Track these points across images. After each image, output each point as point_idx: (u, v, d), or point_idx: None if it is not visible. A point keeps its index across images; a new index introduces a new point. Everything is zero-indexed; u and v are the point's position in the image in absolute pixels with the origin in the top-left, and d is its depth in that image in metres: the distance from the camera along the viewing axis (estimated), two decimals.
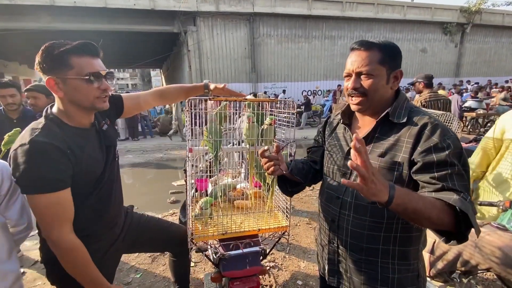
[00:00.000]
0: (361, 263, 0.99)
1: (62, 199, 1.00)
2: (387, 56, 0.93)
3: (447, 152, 0.82)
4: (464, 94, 9.62)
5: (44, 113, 1.07)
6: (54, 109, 1.08)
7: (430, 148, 0.84)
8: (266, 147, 1.05)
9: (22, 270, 2.44)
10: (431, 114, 0.93)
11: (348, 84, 0.97)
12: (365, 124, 1.03)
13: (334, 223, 1.06)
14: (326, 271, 1.12)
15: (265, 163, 1.04)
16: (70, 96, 1.02)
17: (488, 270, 1.44)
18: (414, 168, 0.86)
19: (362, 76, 0.94)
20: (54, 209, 0.98)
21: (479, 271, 1.53)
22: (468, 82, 13.88)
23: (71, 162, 1.01)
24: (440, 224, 0.77)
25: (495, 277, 1.98)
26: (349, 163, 0.64)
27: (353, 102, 0.98)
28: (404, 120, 0.92)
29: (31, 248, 2.70)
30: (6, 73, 17.06)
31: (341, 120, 1.12)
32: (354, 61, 0.95)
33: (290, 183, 1.22)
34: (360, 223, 0.97)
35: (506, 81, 14.56)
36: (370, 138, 0.98)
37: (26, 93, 2.44)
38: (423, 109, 0.98)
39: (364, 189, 0.66)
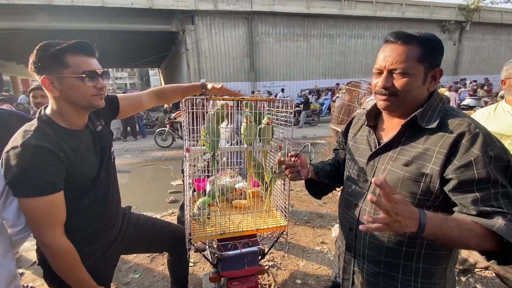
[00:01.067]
0: (379, 276, 0.92)
1: (54, 203, 0.98)
2: (428, 52, 0.80)
3: (490, 166, 0.70)
4: (462, 92, 9.60)
5: (37, 115, 1.05)
6: (48, 111, 1.06)
7: (469, 163, 0.72)
8: (282, 158, 1.10)
9: (20, 271, 2.43)
10: (471, 118, 0.81)
11: (377, 81, 0.87)
12: (392, 126, 0.92)
13: (352, 232, 0.98)
14: (341, 279, 1.06)
15: (285, 170, 1.08)
16: (66, 95, 1.01)
17: (486, 268, 1.44)
18: (450, 186, 0.75)
19: (394, 74, 0.82)
20: (46, 212, 0.97)
21: (477, 270, 1.54)
22: (464, 79, 13.79)
23: (64, 164, 0.99)
24: (480, 249, 0.70)
25: (494, 275, 1.99)
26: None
27: (381, 98, 0.87)
28: (435, 125, 0.81)
29: (29, 248, 2.68)
30: (3, 72, 17.00)
31: (366, 122, 1.01)
32: (388, 56, 0.82)
33: (319, 186, 1.19)
34: (380, 234, 0.89)
35: None
36: (395, 144, 0.88)
37: (32, 93, 2.39)
38: (462, 111, 0.86)
39: (386, 228, 0.61)
